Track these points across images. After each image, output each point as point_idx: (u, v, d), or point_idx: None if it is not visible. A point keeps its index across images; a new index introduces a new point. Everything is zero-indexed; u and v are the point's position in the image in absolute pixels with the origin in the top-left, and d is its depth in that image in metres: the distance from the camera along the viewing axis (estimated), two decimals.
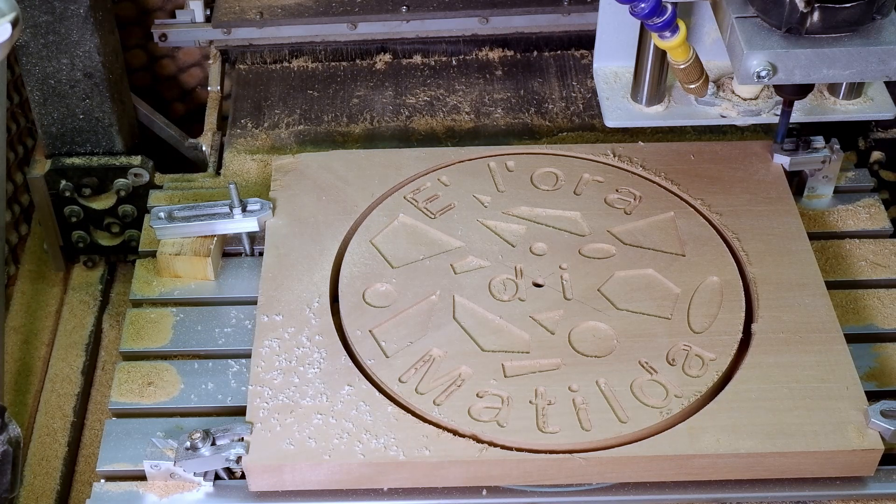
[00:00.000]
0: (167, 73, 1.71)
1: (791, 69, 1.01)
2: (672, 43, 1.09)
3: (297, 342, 1.09)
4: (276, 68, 1.57)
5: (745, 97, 1.22)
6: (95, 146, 1.39)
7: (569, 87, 1.51)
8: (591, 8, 1.51)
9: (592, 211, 1.21)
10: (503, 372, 1.06)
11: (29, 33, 1.28)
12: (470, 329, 1.10)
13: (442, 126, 1.46)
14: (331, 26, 1.55)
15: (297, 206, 1.23)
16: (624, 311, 1.11)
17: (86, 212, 1.40)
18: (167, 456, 1.01)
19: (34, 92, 1.33)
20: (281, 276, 1.16)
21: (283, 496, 1.03)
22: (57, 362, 1.34)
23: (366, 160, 1.29)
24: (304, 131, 1.46)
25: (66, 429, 1.28)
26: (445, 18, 1.55)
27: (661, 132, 1.41)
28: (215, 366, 1.12)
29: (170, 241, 1.20)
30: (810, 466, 1.01)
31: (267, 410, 1.03)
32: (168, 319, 1.17)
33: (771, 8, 1.00)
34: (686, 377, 1.05)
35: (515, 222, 1.21)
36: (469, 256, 1.17)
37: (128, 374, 1.12)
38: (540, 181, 1.25)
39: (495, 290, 1.14)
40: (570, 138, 1.43)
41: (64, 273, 1.46)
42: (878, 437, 1.01)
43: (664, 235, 1.19)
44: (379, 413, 1.03)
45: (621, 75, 1.27)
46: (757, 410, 1.02)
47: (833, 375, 1.05)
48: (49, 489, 1.22)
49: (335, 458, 1.00)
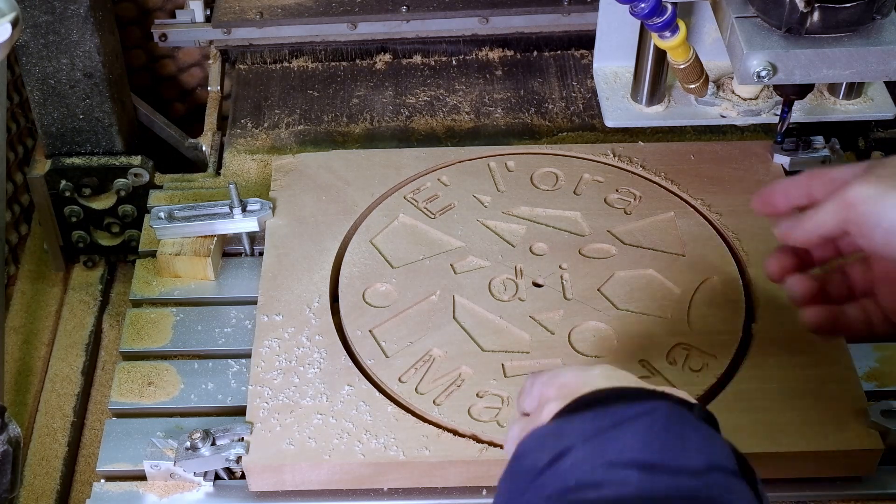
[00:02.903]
0: (167, 73, 1.71)
1: (791, 69, 1.01)
2: (672, 43, 1.09)
3: (297, 342, 1.09)
4: (276, 68, 1.57)
5: (745, 97, 1.22)
6: (95, 146, 1.39)
7: (569, 87, 1.51)
8: (591, 8, 1.51)
9: (592, 211, 1.22)
10: (503, 372, 1.06)
11: (29, 33, 1.28)
12: (470, 329, 1.10)
13: (442, 126, 1.46)
14: (331, 26, 1.55)
15: (297, 206, 1.23)
16: (624, 311, 1.11)
17: (86, 212, 1.40)
18: (167, 456, 1.01)
19: (34, 92, 1.33)
20: (281, 276, 1.16)
21: (283, 496, 1.03)
22: (57, 362, 1.34)
23: (366, 160, 1.29)
24: (304, 131, 1.46)
25: (66, 429, 1.28)
26: (445, 18, 1.55)
27: (661, 132, 1.41)
28: (215, 366, 1.12)
29: (170, 241, 1.20)
30: (810, 466, 1.02)
31: (267, 410, 1.03)
32: (168, 319, 1.17)
33: (771, 8, 1.00)
34: (686, 377, 1.05)
35: (515, 222, 1.21)
36: (469, 256, 1.17)
37: (128, 374, 1.12)
38: (540, 181, 1.25)
39: (495, 290, 1.14)
40: (570, 138, 1.43)
41: (64, 273, 1.46)
42: (878, 437, 1.01)
43: (664, 235, 1.19)
44: (379, 413, 1.03)
45: (621, 75, 1.27)
46: (757, 410, 1.02)
47: (833, 375, 1.05)
48: (49, 489, 1.22)
49: (335, 458, 1.00)
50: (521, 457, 0.75)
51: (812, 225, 0.93)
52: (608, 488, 0.68)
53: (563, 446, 0.71)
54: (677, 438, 0.71)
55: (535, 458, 0.73)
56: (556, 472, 0.70)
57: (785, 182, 0.98)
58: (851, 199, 0.89)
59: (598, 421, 0.72)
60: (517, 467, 0.75)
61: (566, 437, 0.72)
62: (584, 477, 0.69)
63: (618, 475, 0.68)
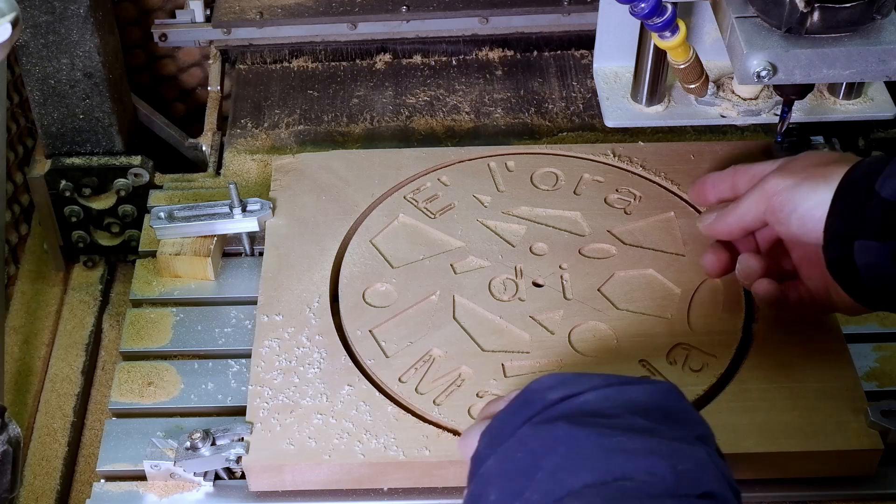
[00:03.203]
0: (167, 73, 1.71)
1: (791, 69, 1.01)
2: (672, 43, 1.09)
3: (297, 342, 1.09)
4: (276, 68, 1.57)
5: (745, 97, 1.22)
6: (95, 146, 1.39)
7: (569, 87, 1.51)
8: (591, 8, 1.51)
9: (592, 211, 1.21)
10: (503, 372, 1.06)
11: (29, 33, 1.28)
12: (470, 329, 1.10)
13: (442, 126, 1.46)
14: (331, 26, 1.55)
15: (297, 206, 1.23)
16: (624, 311, 1.11)
17: (86, 212, 1.40)
18: (167, 456, 1.01)
19: (34, 92, 1.33)
20: (281, 276, 1.16)
21: (283, 496, 1.03)
22: (57, 362, 1.34)
23: (366, 160, 1.29)
24: (304, 131, 1.46)
25: (66, 429, 1.28)
26: (445, 18, 1.55)
27: (661, 132, 1.41)
28: (215, 366, 1.12)
29: (170, 241, 1.20)
30: (810, 466, 1.02)
31: (267, 410, 1.03)
32: (168, 319, 1.17)
33: (771, 8, 1.00)
34: (686, 377, 1.05)
35: (515, 222, 1.21)
36: (469, 256, 1.17)
37: (128, 374, 1.12)
38: (540, 181, 1.25)
39: (495, 290, 1.14)
40: (570, 138, 1.43)
41: (64, 273, 1.46)
42: (878, 437, 1.01)
43: (664, 235, 1.19)
44: (379, 413, 1.03)
45: (621, 75, 1.27)
46: (757, 410, 1.02)
47: (833, 375, 1.05)
48: (49, 489, 1.22)
49: (335, 458, 1.00)
50: (532, 390, 0.79)
51: (734, 217, 1.04)
52: (618, 420, 0.72)
53: (579, 389, 0.75)
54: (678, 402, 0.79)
55: (547, 393, 0.77)
56: (572, 403, 0.75)
57: (713, 176, 1.10)
58: (769, 191, 0.99)
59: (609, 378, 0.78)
60: (527, 395, 0.78)
61: (581, 382, 0.77)
62: (598, 408, 0.74)
63: (628, 416, 0.73)
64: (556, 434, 0.72)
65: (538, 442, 0.72)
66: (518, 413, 0.77)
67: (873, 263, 0.90)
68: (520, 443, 0.73)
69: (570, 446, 0.70)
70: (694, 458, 0.70)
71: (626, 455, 0.69)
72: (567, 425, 0.72)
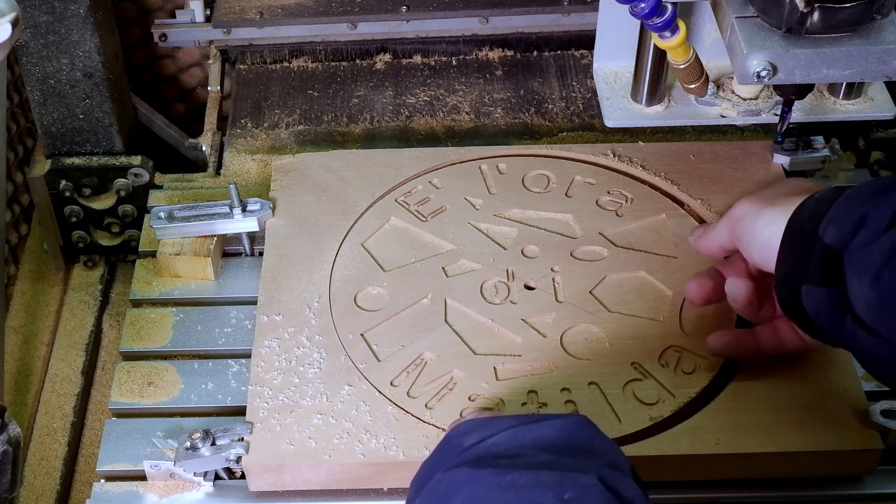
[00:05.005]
0: (167, 73, 1.71)
1: (791, 69, 1.01)
2: (672, 43, 1.09)
3: (297, 342, 1.09)
4: (276, 68, 1.57)
5: (745, 97, 1.22)
6: (95, 146, 1.39)
7: (569, 87, 1.51)
8: (591, 8, 1.51)
9: (584, 213, 1.21)
10: (495, 375, 1.06)
11: (29, 33, 1.28)
12: (462, 332, 1.10)
13: (442, 126, 1.46)
14: (331, 26, 1.55)
15: (297, 206, 1.23)
16: (616, 314, 1.11)
17: (86, 212, 1.40)
18: (167, 456, 1.01)
19: (34, 92, 1.33)
20: (281, 276, 1.16)
21: (283, 496, 1.03)
22: (57, 362, 1.34)
23: (366, 160, 1.29)
24: (304, 131, 1.46)
25: (66, 429, 1.28)
26: (445, 18, 1.55)
27: (661, 132, 1.41)
28: (215, 366, 1.12)
29: (170, 241, 1.20)
30: (810, 466, 1.02)
31: (267, 410, 1.03)
32: (168, 319, 1.17)
33: (771, 8, 1.00)
34: (678, 379, 1.05)
35: (507, 225, 1.21)
36: (461, 259, 1.17)
37: (128, 374, 1.12)
38: (531, 183, 1.25)
39: (487, 293, 1.14)
40: (570, 138, 1.43)
41: (64, 273, 1.46)
42: (878, 437, 1.01)
43: (656, 237, 1.19)
44: (379, 413, 1.03)
45: (621, 75, 1.27)
46: (757, 410, 1.02)
47: (833, 375, 1.05)
48: (49, 489, 1.22)
49: (335, 458, 1.00)
50: (450, 437, 0.84)
51: (708, 240, 1.07)
52: (521, 459, 0.77)
53: (491, 432, 0.80)
54: (588, 434, 0.80)
55: (463, 438, 0.81)
56: (480, 447, 0.79)
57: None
58: (736, 215, 1.00)
59: (523, 418, 0.82)
60: (446, 442, 0.84)
61: (495, 425, 0.81)
62: (502, 451, 0.79)
63: (532, 453, 0.77)
64: (459, 478, 0.77)
65: (446, 486, 0.77)
66: (436, 460, 0.82)
67: (819, 309, 0.89)
68: (433, 489, 0.78)
69: (470, 487, 0.75)
70: (579, 486, 0.73)
71: (515, 490, 0.73)
72: (469, 469, 0.77)
